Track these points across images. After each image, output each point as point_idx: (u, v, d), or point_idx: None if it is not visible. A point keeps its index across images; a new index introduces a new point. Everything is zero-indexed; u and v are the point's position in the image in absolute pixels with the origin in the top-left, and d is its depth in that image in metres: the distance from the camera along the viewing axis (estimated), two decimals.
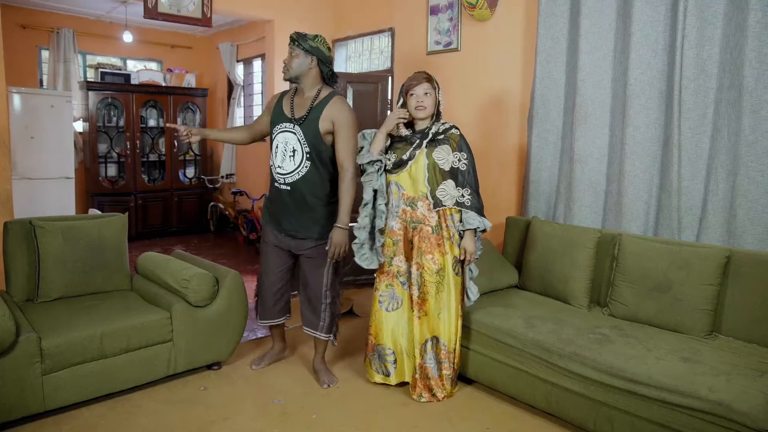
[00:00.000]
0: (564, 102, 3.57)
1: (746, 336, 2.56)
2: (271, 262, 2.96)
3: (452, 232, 2.75)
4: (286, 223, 2.82)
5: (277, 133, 2.78)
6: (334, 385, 2.93)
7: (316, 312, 2.90)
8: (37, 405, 2.45)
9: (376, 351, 2.93)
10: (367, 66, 5.44)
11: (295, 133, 2.73)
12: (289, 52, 2.73)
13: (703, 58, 2.90)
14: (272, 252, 2.94)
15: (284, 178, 2.76)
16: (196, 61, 7.68)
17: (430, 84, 2.76)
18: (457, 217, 2.75)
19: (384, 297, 2.88)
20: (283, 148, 2.74)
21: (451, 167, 2.73)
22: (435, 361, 2.79)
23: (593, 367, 2.37)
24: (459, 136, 2.78)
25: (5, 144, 3.62)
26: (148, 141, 6.88)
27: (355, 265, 2.84)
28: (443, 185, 2.72)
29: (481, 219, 2.73)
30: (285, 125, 2.76)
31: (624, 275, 2.87)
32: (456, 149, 2.74)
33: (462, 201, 2.71)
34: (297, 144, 2.73)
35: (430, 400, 2.78)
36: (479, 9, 4.06)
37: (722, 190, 2.88)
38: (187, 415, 2.62)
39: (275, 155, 2.78)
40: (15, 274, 2.95)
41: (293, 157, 2.73)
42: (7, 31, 4.62)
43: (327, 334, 2.93)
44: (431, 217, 2.74)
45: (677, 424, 2.13)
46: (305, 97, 2.78)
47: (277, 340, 3.23)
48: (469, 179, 2.74)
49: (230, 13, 5.33)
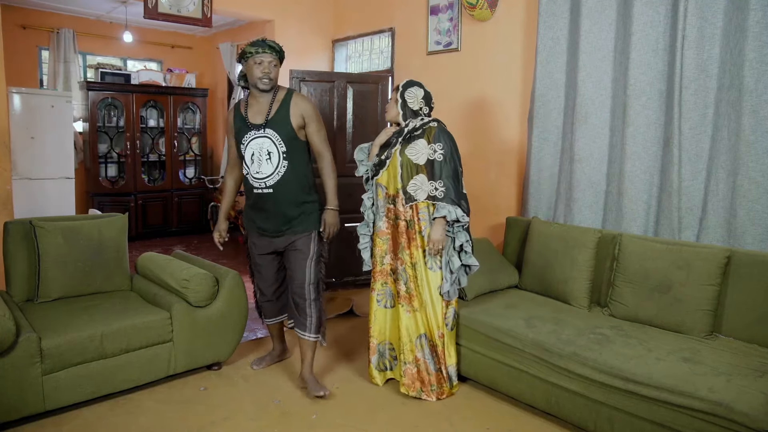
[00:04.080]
0: (564, 102, 3.57)
1: (746, 336, 2.55)
2: (263, 270, 2.98)
3: (423, 226, 2.77)
4: (272, 224, 2.81)
5: (248, 142, 2.75)
6: (327, 395, 2.81)
7: (302, 309, 2.84)
8: (37, 405, 2.45)
9: (378, 351, 2.95)
10: (367, 66, 5.44)
11: (268, 137, 2.72)
12: (269, 62, 2.70)
13: (703, 58, 2.90)
14: (260, 260, 2.95)
15: (265, 182, 2.74)
16: (196, 61, 7.68)
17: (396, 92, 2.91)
18: (432, 209, 2.77)
19: (381, 295, 2.93)
20: (258, 153, 2.73)
21: (427, 159, 2.75)
22: (430, 354, 2.81)
23: (593, 367, 2.37)
24: (436, 128, 2.80)
25: (5, 144, 3.62)
26: (148, 141, 6.88)
27: (354, 265, 2.87)
28: (415, 180, 2.76)
29: (453, 208, 2.70)
30: (252, 133, 2.74)
31: (624, 275, 2.87)
32: (432, 141, 2.76)
33: (434, 194, 2.72)
34: (272, 146, 2.72)
35: (428, 396, 2.79)
36: (479, 9, 4.06)
37: (722, 191, 2.88)
38: (187, 415, 2.62)
39: (250, 163, 2.75)
40: (15, 275, 2.95)
41: (270, 159, 2.73)
42: (8, 31, 4.62)
43: (315, 335, 2.85)
44: (405, 212, 2.79)
45: (677, 424, 2.13)
46: (261, 102, 2.77)
47: (277, 342, 3.22)
48: (445, 170, 2.73)
49: (230, 13, 5.34)
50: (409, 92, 2.88)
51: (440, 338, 2.80)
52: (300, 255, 2.81)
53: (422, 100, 2.88)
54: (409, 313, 2.81)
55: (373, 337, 2.94)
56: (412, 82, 2.91)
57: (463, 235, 2.78)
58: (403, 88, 2.89)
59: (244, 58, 2.73)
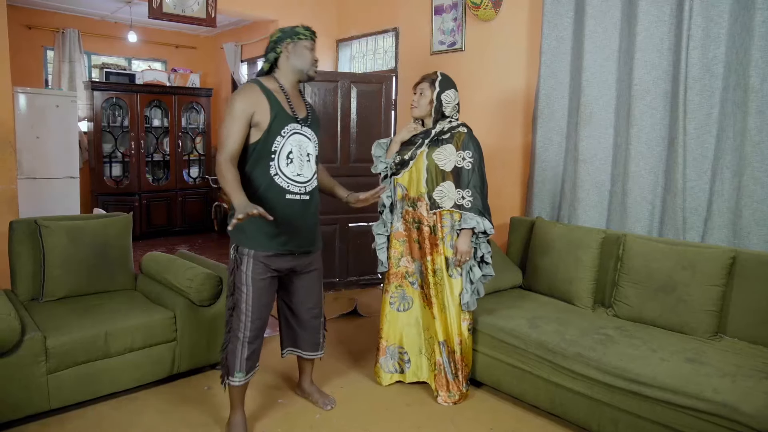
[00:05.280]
0: (569, 102, 3.56)
1: (751, 337, 2.54)
2: (265, 296, 2.37)
3: (446, 233, 2.71)
4: (303, 239, 2.42)
5: (288, 136, 2.33)
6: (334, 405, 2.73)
7: (317, 329, 2.65)
8: (42, 404, 2.46)
9: (388, 353, 2.91)
10: (371, 66, 5.44)
11: (307, 137, 2.41)
12: (311, 48, 2.41)
13: (708, 58, 2.89)
14: (263, 283, 2.35)
15: (305, 187, 2.38)
16: (200, 61, 7.70)
17: (427, 84, 2.76)
18: (457, 217, 2.71)
19: (394, 298, 2.88)
20: (298, 152, 2.36)
21: (454, 167, 2.69)
22: (448, 361, 2.78)
23: (597, 367, 2.37)
24: (465, 134, 2.72)
25: (11, 144, 3.64)
26: (152, 141, 6.89)
27: (358, 265, 2.84)
28: (441, 186, 2.69)
29: (481, 220, 2.65)
30: (294, 126, 2.36)
31: (628, 276, 2.87)
32: (460, 148, 2.70)
33: (461, 203, 2.67)
34: (311, 147, 2.42)
35: (445, 401, 2.77)
36: (483, 9, 4.05)
37: (727, 191, 2.87)
38: (192, 415, 2.62)
39: (286, 162, 2.32)
40: (20, 274, 2.96)
41: (309, 161, 2.41)
42: (13, 31, 4.63)
43: (323, 349, 2.72)
44: (429, 217, 2.73)
45: (681, 425, 2.12)
46: (294, 95, 2.45)
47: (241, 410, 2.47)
48: (473, 179, 2.68)
49: (234, 13, 5.34)
50: (447, 95, 2.75)
51: (459, 345, 2.77)
52: (318, 273, 2.60)
53: (456, 105, 2.78)
54: (433, 318, 2.76)
55: (383, 338, 2.91)
56: (449, 82, 2.78)
57: (485, 246, 2.74)
58: (440, 87, 2.74)
59: (293, 39, 2.37)
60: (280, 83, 2.40)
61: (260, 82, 2.37)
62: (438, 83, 2.75)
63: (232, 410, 2.45)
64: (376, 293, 4.63)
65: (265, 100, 2.31)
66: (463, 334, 2.78)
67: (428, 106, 2.76)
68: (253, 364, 2.42)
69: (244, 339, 2.35)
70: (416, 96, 2.80)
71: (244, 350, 2.35)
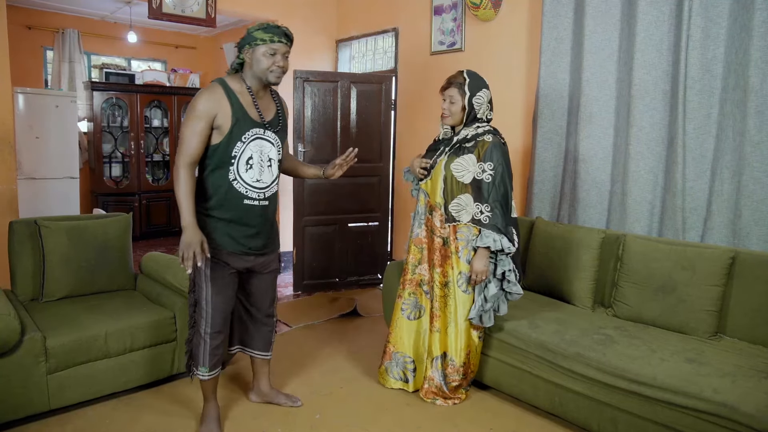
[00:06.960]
0: (568, 102, 3.56)
1: (751, 337, 2.55)
2: (228, 290, 2.42)
3: (460, 247, 2.61)
4: (260, 241, 2.43)
5: (248, 141, 2.29)
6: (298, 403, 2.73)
7: (269, 328, 2.66)
8: (42, 404, 2.46)
9: (394, 359, 2.88)
10: (370, 66, 5.44)
11: (270, 141, 2.36)
12: (284, 54, 2.31)
13: (708, 58, 2.89)
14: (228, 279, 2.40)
15: (263, 192, 2.37)
16: (200, 61, 7.69)
17: (456, 89, 2.60)
18: (476, 231, 2.58)
19: (407, 305, 2.82)
20: (259, 158, 2.32)
21: (473, 179, 2.55)
22: (441, 375, 2.75)
23: (597, 367, 2.37)
24: (490, 143, 2.54)
25: (10, 144, 3.64)
26: (152, 141, 6.89)
27: (358, 265, 2.83)
28: (459, 199, 2.58)
29: (499, 237, 2.49)
30: (256, 131, 2.31)
31: (628, 276, 2.87)
32: (482, 158, 2.53)
33: (479, 218, 2.52)
34: (273, 152, 2.38)
35: (444, 403, 2.76)
36: (483, 9, 4.05)
37: (727, 191, 2.87)
38: (191, 415, 2.62)
39: (245, 168, 2.29)
40: (20, 274, 2.96)
41: (270, 167, 2.37)
42: (13, 31, 4.63)
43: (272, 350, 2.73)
44: (443, 229, 2.66)
45: (681, 425, 2.12)
46: (261, 97, 2.38)
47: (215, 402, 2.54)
48: (493, 193, 2.50)
49: (234, 13, 5.34)
50: (479, 98, 2.57)
51: (467, 356, 2.71)
52: (275, 273, 2.61)
53: (488, 104, 2.60)
54: (430, 332, 2.73)
55: (390, 343, 2.87)
56: (478, 82, 2.58)
57: (507, 262, 2.57)
58: (470, 91, 2.55)
59: (250, 44, 2.28)
60: (248, 84, 2.34)
61: (225, 82, 2.31)
62: (468, 86, 2.59)
63: (205, 402, 2.52)
64: (375, 293, 4.63)
65: (227, 103, 2.26)
66: (473, 344, 2.73)
67: (461, 113, 2.62)
68: (218, 361, 2.47)
69: (205, 334, 2.40)
70: (446, 103, 2.63)
71: (207, 345, 2.41)
